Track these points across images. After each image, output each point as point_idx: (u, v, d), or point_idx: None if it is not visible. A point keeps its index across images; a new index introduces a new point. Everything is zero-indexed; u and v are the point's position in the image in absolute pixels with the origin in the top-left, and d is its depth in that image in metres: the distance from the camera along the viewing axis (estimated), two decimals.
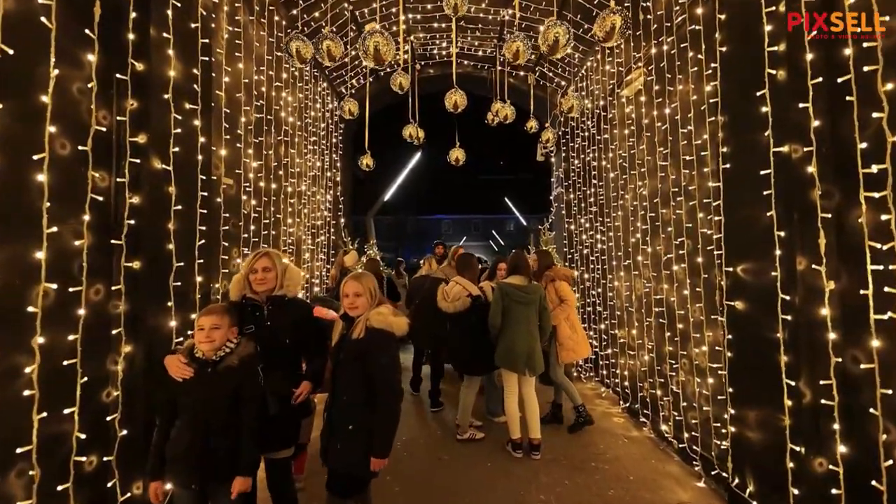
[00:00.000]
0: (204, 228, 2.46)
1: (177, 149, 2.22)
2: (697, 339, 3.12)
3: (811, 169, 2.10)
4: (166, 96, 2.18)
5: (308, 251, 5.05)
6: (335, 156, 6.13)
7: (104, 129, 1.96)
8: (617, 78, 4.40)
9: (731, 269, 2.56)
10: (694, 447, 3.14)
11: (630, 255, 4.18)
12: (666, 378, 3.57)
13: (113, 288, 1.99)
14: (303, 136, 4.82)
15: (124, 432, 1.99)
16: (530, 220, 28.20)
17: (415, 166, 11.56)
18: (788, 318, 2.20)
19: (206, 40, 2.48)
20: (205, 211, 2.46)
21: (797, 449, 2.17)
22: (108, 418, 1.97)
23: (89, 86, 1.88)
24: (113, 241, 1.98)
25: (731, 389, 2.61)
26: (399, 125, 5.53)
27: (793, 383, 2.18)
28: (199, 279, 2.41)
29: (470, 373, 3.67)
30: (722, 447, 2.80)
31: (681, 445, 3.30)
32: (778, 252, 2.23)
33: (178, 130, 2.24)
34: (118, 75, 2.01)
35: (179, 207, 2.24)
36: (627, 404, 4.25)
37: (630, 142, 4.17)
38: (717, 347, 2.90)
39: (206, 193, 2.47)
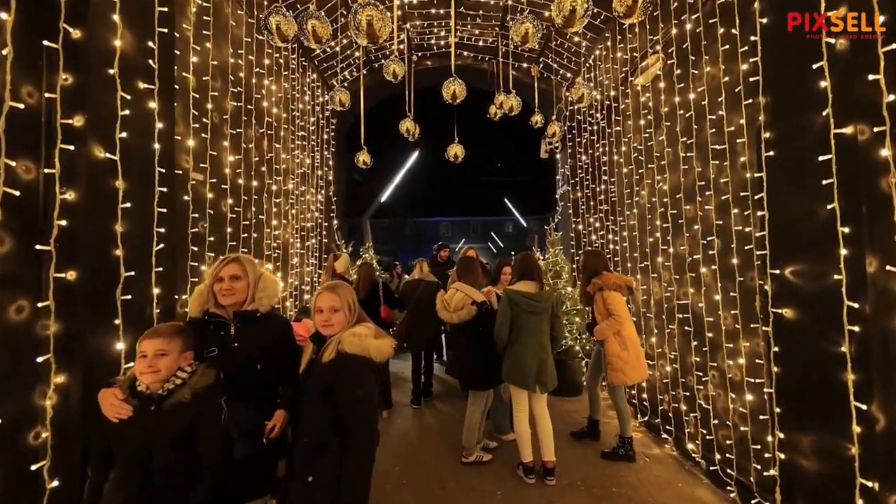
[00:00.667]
0: (164, 230, 2.08)
1: (124, 134, 1.84)
2: (731, 350, 2.77)
3: (885, 152, 1.76)
4: (111, 71, 1.81)
5: (297, 255, 4.67)
6: (327, 153, 5.77)
7: (28, 108, 1.59)
8: (630, 65, 4.06)
9: (777, 272, 2.21)
10: (728, 470, 2.78)
11: (648, 256, 3.84)
12: (692, 391, 3.22)
13: (40, 304, 1.61)
14: (289, 130, 4.46)
15: (55, 483, 1.61)
16: (530, 222, 27.93)
17: (412, 166, 11.23)
18: (856, 329, 1.85)
19: (166, 8, 2.11)
20: (164, 210, 2.09)
21: (869, 484, 1.82)
22: (34, 467, 1.58)
23: (3, 52, 1.51)
24: (39, 247, 1.60)
25: (778, 409, 2.26)
26: (395, 122, 5.19)
27: (863, 406, 1.83)
28: (156, 291, 2.04)
29: (476, 387, 3.30)
30: (765, 474, 2.44)
31: (711, 468, 2.94)
32: (843, 251, 1.88)
33: (127, 112, 1.86)
34: (47, 42, 1.64)
35: (129, 205, 1.86)
36: (646, 418, 3.89)
37: (646, 133, 3.83)
38: (756, 360, 2.55)
39: (165, 189, 2.10)
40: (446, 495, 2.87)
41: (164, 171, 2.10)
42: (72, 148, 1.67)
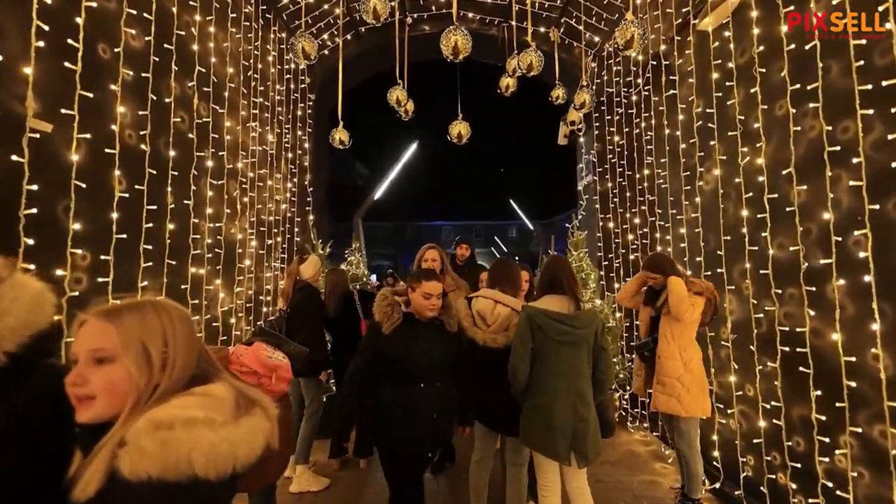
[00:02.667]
0: None
1: None
2: (893, 411, 1.70)
3: None
4: None
5: (252, 256, 3.63)
6: (301, 133, 4.75)
7: None
8: (692, 5, 3.03)
9: None
10: None
11: (721, 260, 2.77)
12: (808, 462, 2.14)
13: None
14: (241, 94, 3.44)
15: None
16: (536, 226, 26.81)
17: (411, 163, 10.23)
18: None
19: None
20: None
21: None
22: None
23: None
24: None
25: None
26: (392, 119, 4.22)
27: None
28: None
29: (516, 433, 2.14)
30: None
31: None
32: None
33: None
34: None
35: None
36: (717, 484, 2.79)
37: (717, 95, 2.79)
38: None
39: None
40: None
41: None
42: None
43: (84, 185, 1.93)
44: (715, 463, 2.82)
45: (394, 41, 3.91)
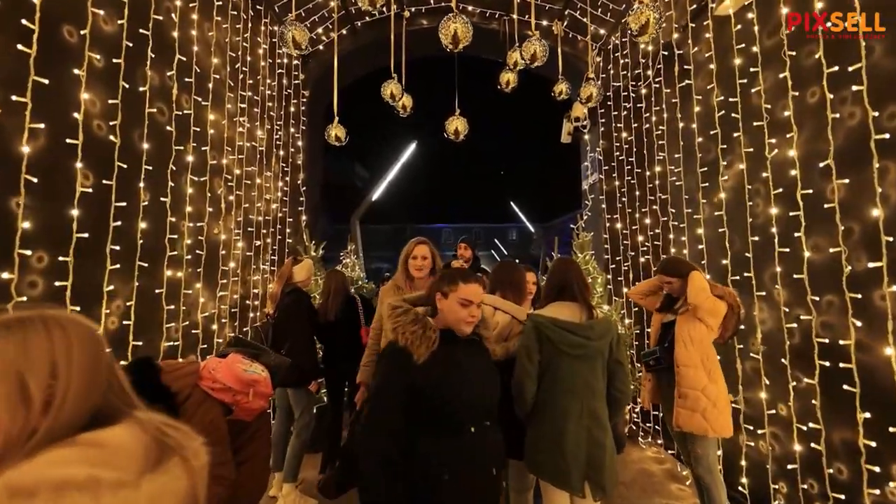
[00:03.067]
0: None
1: None
2: None
3: None
4: None
5: (239, 258, 3.42)
6: (294, 130, 4.55)
7: None
8: None
9: None
10: None
11: (748, 263, 2.54)
12: (856, 492, 1.89)
13: None
14: (227, 86, 3.23)
15: None
16: (537, 228, 26.57)
17: (411, 163, 10.03)
18: None
19: None
20: None
21: None
22: None
23: None
24: None
25: None
26: (391, 118, 4.02)
27: None
28: None
29: (519, 455, 1.91)
30: None
31: None
32: None
33: None
34: None
35: None
36: None
37: (740, 82, 2.57)
38: None
39: None
40: None
41: None
42: None
43: (35, 180, 1.71)
44: (742, 489, 2.57)
45: (391, 36, 3.72)
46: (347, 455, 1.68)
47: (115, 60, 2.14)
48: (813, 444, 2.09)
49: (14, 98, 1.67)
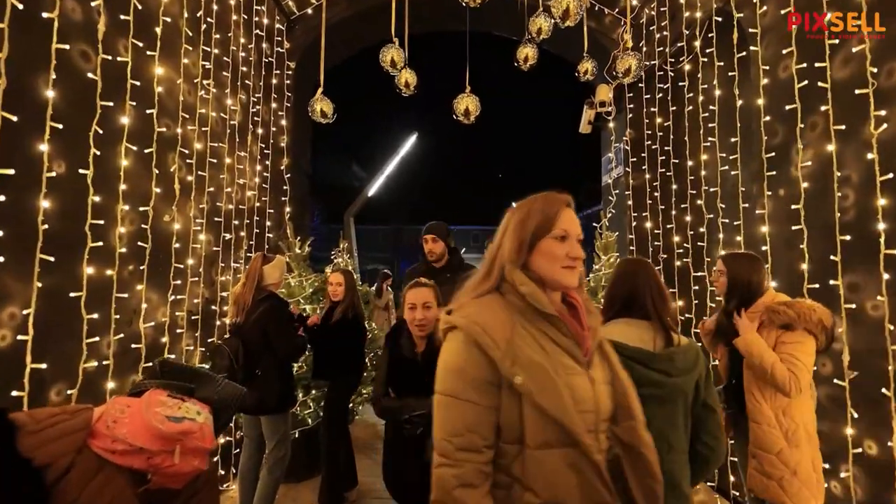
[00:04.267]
0: None
1: None
2: None
3: None
4: None
5: (200, 255, 2.82)
6: (278, 107, 3.96)
7: None
8: None
9: None
10: None
11: (836, 269, 1.99)
12: None
13: None
14: (186, 36, 2.63)
15: None
16: None
17: (411, 163, 9.48)
18: None
19: None
20: None
21: None
22: None
23: None
24: None
25: None
26: (389, 102, 3.49)
27: None
28: None
29: None
30: None
31: None
32: None
33: None
34: None
35: None
36: None
37: (831, 43, 2.03)
38: None
39: None
40: None
41: None
42: None
43: None
44: None
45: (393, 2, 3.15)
46: None
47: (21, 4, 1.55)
48: None
49: None
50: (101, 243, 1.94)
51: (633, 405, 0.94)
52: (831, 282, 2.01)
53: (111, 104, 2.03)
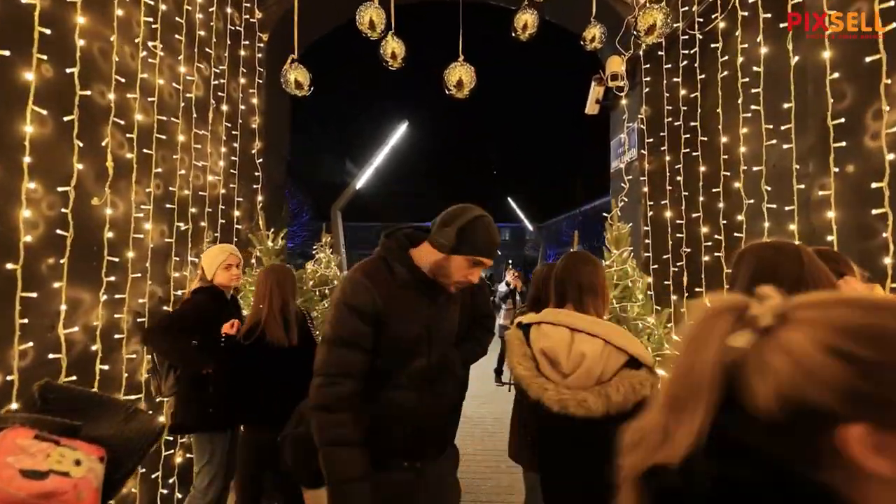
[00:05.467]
0: None
1: None
2: None
3: None
4: None
5: (143, 247, 2.35)
6: (245, 81, 3.48)
7: None
8: None
9: None
10: None
11: None
12: None
13: None
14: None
15: None
16: (537, 228, 25.61)
17: (402, 159, 9.01)
18: None
19: None
20: None
21: None
22: None
23: None
24: None
25: None
26: (378, 84, 3.01)
27: None
28: None
29: None
30: None
31: None
32: None
33: None
34: None
35: None
36: None
37: None
38: None
39: None
40: None
41: None
42: None
43: None
44: None
45: None
46: None
47: None
48: None
49: None
50: None
51: None
52: None
53: (6, 53, 1.56)
